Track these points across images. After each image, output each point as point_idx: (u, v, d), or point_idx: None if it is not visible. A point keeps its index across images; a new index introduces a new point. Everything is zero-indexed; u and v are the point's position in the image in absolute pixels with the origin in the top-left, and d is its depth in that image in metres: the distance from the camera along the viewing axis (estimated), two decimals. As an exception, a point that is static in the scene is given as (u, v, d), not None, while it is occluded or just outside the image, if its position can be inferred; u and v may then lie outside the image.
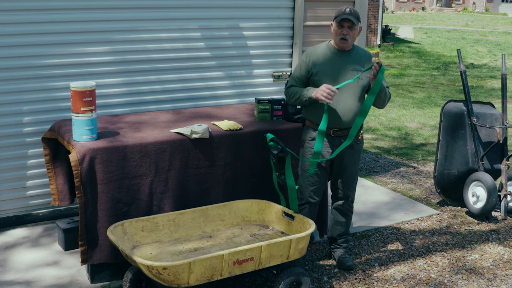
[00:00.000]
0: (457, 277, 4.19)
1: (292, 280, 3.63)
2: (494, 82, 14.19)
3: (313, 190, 4.10)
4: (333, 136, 4.00)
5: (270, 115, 4.47)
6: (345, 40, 3.89)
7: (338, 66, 3.95)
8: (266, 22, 5.36)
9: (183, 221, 3.86)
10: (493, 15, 50.69)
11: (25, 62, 4.45)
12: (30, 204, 4.73)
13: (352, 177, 4.16)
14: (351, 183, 4.17)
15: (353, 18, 3.83)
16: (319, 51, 3.99)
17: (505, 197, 5.32)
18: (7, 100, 4.46)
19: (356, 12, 3.88)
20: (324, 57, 3.96)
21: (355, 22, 3.85)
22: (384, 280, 4.11)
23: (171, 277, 3.17)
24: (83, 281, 3.89)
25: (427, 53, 20.07)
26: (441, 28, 33.08)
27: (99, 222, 3.73)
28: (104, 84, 4.73)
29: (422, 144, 8.04)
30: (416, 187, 6.13)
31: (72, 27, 4.54)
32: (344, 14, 3.84)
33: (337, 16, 3.88)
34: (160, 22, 4.87)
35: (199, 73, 5.14)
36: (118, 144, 3.77)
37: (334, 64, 3.94)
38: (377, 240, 4.76)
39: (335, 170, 4.12)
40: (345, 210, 4.27)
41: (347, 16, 3.82)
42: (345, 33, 3.87)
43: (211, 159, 4.05)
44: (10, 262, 4.12)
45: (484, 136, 5.42)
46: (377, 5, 19.94)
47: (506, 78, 5.69)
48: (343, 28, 3.87)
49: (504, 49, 22.00)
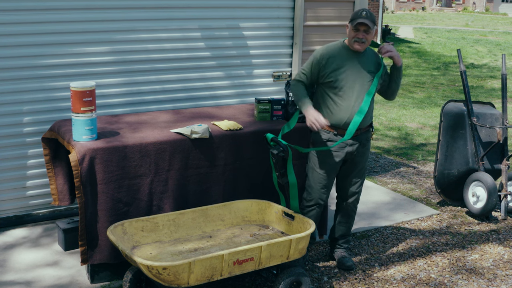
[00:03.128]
0: (457, 277, 4.19)
1: (292, 280, 3.63)
2: (494, 82, 14.19)
3: (323, 191, 4.09)
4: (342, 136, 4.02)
5: (270, 115, 4.47)
6: (362, 43, 3.88)
7: (355, 67, 3.93)
8: (266, 22, 5.36)
9: (183, 221, 3.86)
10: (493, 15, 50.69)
11: (25, 62, 4.45)
12: (30, 204, 4.73)
13: (361, 174, 4.17)
14: (360, 181, 4.18)
15: (369, 22, 3.81)
16: (335, 50, 3.96)
17: (505, 197, 5.32)
18: (7, 100, 4.46)
19: (372, 15, 3.87)
20: (341, 57, 3.93)
21: (371, 26, 3.83)
22: (384, 280, 4.11)
23: (171, 277, 3.17)
24: (83, 281, 3.89)
25: (427, 53, 20.07)
26: (441, 28, 33.08)
27: (99, 222, 3.73)
28: (104, 84, 4.73)
29: (422, 144, 8.04)
30: (416, 187, 6.13)
31: (72, 27, 4.54)
32: (361, 17, 3.82)
33: (353, 19, 3.86)
34: (160, 22, 4.87)
35: (199, 73, 5.14)
36: (118, 144, 3.77)
37: (351, 65, 3.93)
38: (377, 240, 4.76)
39: (346, 168, 4.11)
40: (350, 211, 4.26)
41: (363, 20, 3.80)
42: (361, 36, 3.86)
43: (211, 159, 4.05)
44: (10, 262, 4.12)
45: (484, 136, 5.41)
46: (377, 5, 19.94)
47: (506, 78, 5.69)
48: (358, 31, 3.85)
49: (504, 49, 22.00)
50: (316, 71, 3.95)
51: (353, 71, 3.92)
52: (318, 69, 3.94)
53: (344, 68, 3.91)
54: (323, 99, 3.98)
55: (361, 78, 3.93)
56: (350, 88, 3.90)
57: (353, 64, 3.93)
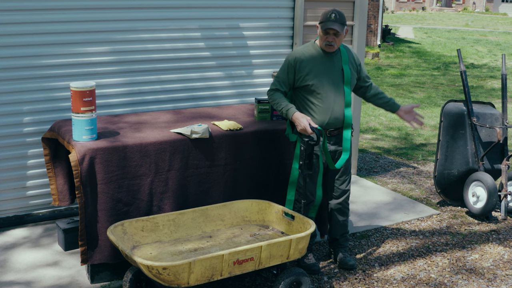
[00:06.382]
0: (457, 277, 4.19)
1: (292, 280, 3.63)
2: (494, 82, 14.19)
3: (314, 188, 4.10)
4: (329, 136, 4.03)
5: (270, 115, 4.47)
6: (331, 46, 3.89)
7: (328, 66, 3.95)
8: (266, 22, 5.36)
9: (183, 221, 3.86)
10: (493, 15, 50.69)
11: (25, 62, 4.45)
12: (30, 204, 4.73)
13: (348, 172, 4.19)
14: (348, 179, 4.20)
15: (338, 26, 3.80)
16: (307, 53, 3.96)
17: (505, 197, 5.32)
18: (7, 100, 4.46)
19: (341, 16, 3.84)
20: (313, 59, 3.94)
21: (340, 30, 3.83)
22: (384, 280, 4.11)
23: (171, 277, 3.17)
24: (83, 281, 3.89)
25: (427, 53, 20.07)
26: (441, 28, 33.08)
27: (99, 222, 3.73)
28: (104, 84, 4.73)
29: (422, 144, 8.04)
30: (416, 187, 6.13)
31: (72, 27, 4.54)
32: (329, 21, 3.81)
33: (322, 22, 3.85)
34: (160, 22, 4.87)
35: (199, 73, 5.14)
36: (118, 144, 3.77)
37: (324, 65, 3.94)
38: (377, 240, 4.76)
39: (332, 169, 4.11)
40: (344, 208, 4.25)
41: (332, 26, 3.80)
42: (331, 40, 3.86)
43: (211, 159, 4.05)
44: (10, 262, 4.12)
45: (484, 136, 5.41)
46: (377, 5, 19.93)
47: (506, 78, 5.69)
48: (328, 35, 3.85)
49: (504, 49, 22.00)
50: (292, 75, 3.95)
51: (327, 71, 3.94)
52: (294, 72, 3.94)
53: (318, 70, 3.92)
54: (302, 103, 4.00)
55: (336, 77, 3.95)
56: (327, 89, 3.93)
57: (327, 65, 3.95)
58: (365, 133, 8.52)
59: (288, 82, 3.97)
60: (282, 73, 3.98)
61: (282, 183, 4.28)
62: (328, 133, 4.01)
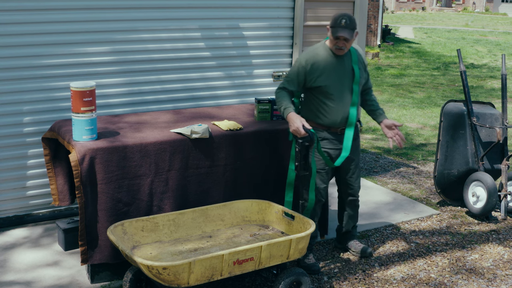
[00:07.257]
0: (457, 277, 4.19)
1: (292, 280, 3.63)
2: (494, 82, 14.19)
3: (324, 189, 4.16)
4: (340, 134, 4.08)
5: (270, 115, 4.47)
6: (341, 50, 3.93)
7: (339, 67, 3.99)
8: (266, 22, 5.36)
9: (183, 221, 3.86)
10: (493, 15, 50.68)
11: (25, 62, 4.45)
12: (30, 204, 4.73)
13: (359, 168, 4.28)
14: (359, 174, 4.30)
15: (348, 33, 3.82)
16: (318, 55, 3.99)
17: (505, 197, 5.32)
18: (7, 100, 4.46)
19: (352, 22, 3.85)
20: (324, 60, 3.97)
21: (350, 37, 3.85)
22: (384, 280, 4.11)
23: (171, 277, 3.17)
24: (83, 281, 3.89)
25: (427, 53, 20.08)
26: (441, 28, 33.08)
27: (99, 222, 3.73)
28: (105, 84, 4.73)
29: (422, 144, 8.04)
30: (416, 187, 6.13)
31: (72, 27, 4.55)
32: (340, 28, 3.83)
33: (333, 27, 3.87)
34: (160, 22, 4.87)
35: (199, 73, 5.14)
36: (118, 144, 3.77)
37: (335, 66, 3.98)
38: (377, 240, 4.77)
39: (344, 166, 4.16)
40: (356, 202, 4.39)
41: (342, 33, 3.82)
42: (341, 45, 3.90)
43: (211, 159, 4.05)
44: (10, 262, 4.12)
45: (484, 136, 5.41)
46: (377, 5, 19.93)
47: (506, 78, 5.69)
48: (338, 40, 3.88)
49: (504, 49, 22.00)
50: (303, 77, 3.98)
51: (339, 72, 3.98)
52: (304, 74, 3.97)
53: (330, 71, 3.96)
54: (314, 103, 4.03)
55: (347, 77, 4.00)
56: (339, 90, 3.98)
57: (338, 66, 3.98)
58: (365, 133, 8.51)
59: (297, 83, 4.00)
60: (292, 73, 4.02)
61: (282, 183, 4.28)
62: (339, 131, 4.05)
